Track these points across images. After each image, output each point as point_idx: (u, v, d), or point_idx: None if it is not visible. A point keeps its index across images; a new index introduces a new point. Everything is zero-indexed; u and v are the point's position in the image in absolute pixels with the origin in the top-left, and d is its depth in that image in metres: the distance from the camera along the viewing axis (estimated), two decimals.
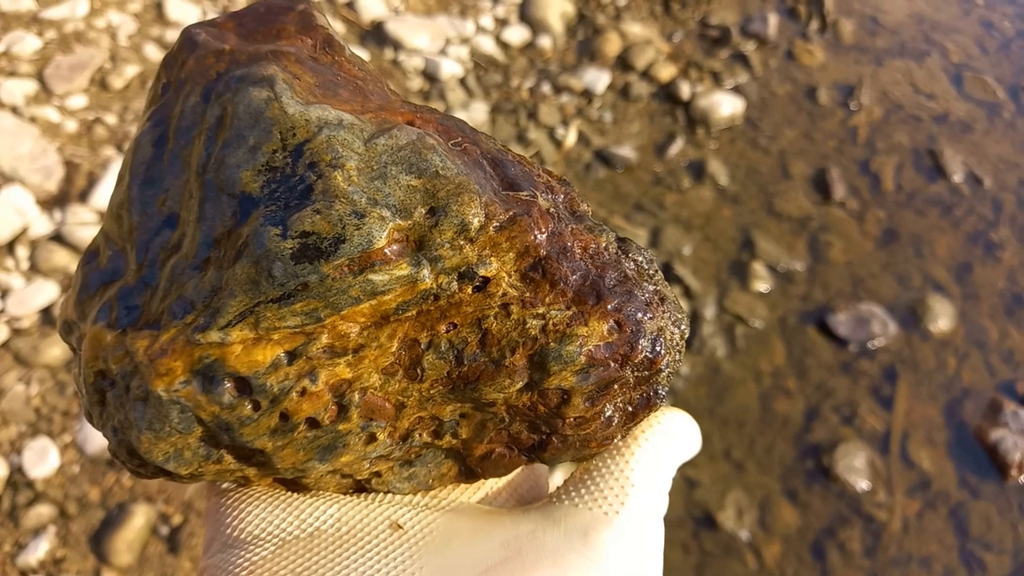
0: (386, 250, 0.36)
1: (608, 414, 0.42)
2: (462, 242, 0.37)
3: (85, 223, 2.03)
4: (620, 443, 0.44)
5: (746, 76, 3.05)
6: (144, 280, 0.40)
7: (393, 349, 0.39)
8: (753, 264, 2.43)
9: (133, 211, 0.41)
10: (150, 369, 0.36)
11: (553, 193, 0.41)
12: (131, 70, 2.43)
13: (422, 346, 0.39)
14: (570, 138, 2.69)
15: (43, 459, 1.74)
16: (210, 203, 0.38)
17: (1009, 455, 2.04)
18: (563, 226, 0.40)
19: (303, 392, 0.38)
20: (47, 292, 1.94)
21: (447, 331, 0.39)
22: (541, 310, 0.39)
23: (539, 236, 0.39)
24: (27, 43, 2.37)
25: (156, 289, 0.39)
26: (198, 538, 1.71)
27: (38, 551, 1.63)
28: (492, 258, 0.38)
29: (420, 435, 0.42)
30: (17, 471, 1.73)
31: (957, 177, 2.73)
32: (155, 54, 2.50)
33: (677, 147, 2.76)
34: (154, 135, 0.43)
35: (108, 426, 0.40)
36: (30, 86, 2.28)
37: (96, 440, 1.76)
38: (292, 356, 0.37)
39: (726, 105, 2.86)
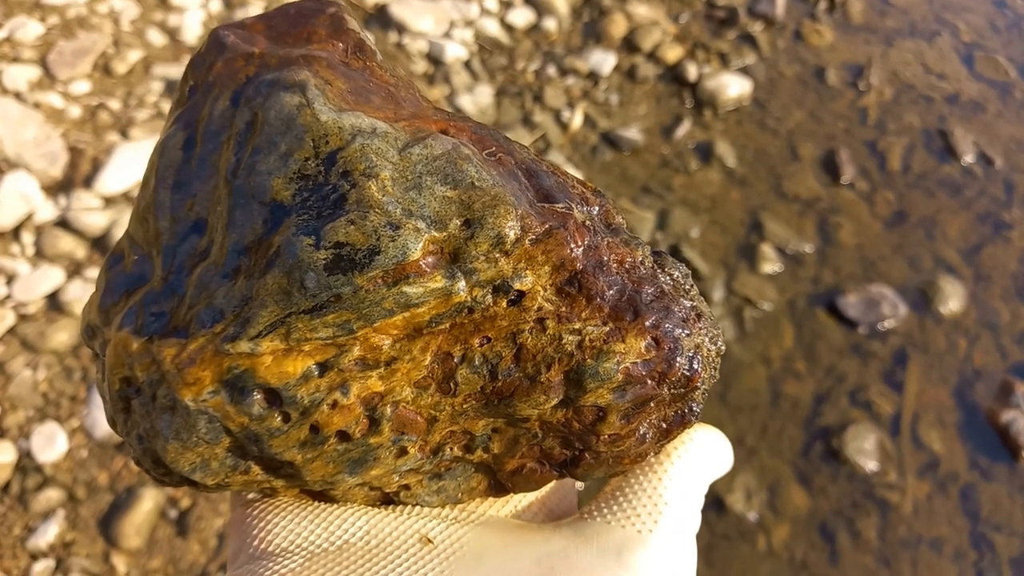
0: (421, 262, 0.35)
1: (642, 431, 0.41)
2: (497, 255, 0.37)
3: (90, 209, 2.03)
4: (653, 459, 0.44)
5: (754, 57, 3.02)
6: (171, 286, 0.39)
7: (426, 362, 0.38)
8: (762, 246, 2.41)
9: (159, 215, 0.41)
10: (178, 378, 0.36)
11: (588, 205, 0.40)
12: (134, 55, 2.42)
13: (455, 360, 0.38)
14: (576, 121, 2.67)
15: (51, 444, 1.74)
16: (240, 210, 0.38)
17: (1020, 437, 2.02)
18: (599, 239, 0.39)
19: (334, 405, 0.37)
20: (53, 278, 1.94)
21: (481, 345, 0.38)
22: (577, 325, 0.38)
23: (575, 250, 0.38)
24: (29, 29, 2.35)
25: (183, 296, 0.38)
26: (207, 521, 1.71)
27: (47, 534, 1.64)
28: (527, 271, 0.37)
29: (451, 449, 0.42)
30: (26, 456, 1.74)
31: (968, 158, 2.70)
32: (158, 39, 2.49)
33: (684, 129, 2.73)
34: (181, 138, 0.42)
35: (133, 434, 0.39)
36: (33, 72, 2.27)
37: (104, 425, 1.76)
38: (323, 368, 0.37)
39: (734, 86, 2.83)
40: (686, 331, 0.40)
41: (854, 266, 2.41)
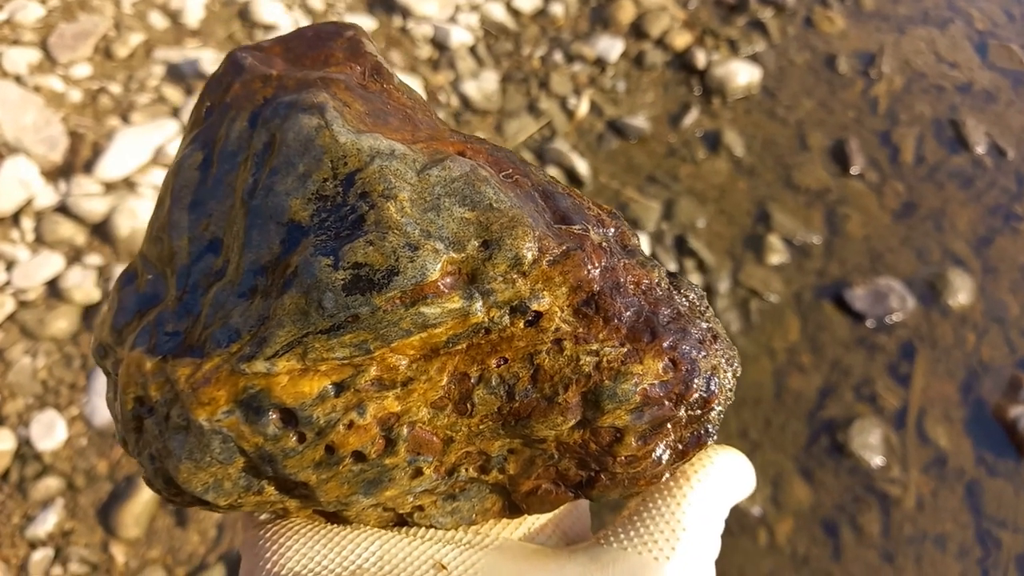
0: (439, 283, 0.36)
1: (659, 453, 0.41)
2: (515, 276, 0.37)
3: (90, 195, 2.01)
4: (671, 483, 0.43)
5: (763, 44, 2.97)
6: (185, 306, 0.39)
7: (443, 383, 0.38)
8: (769, 237, 2.38)
9: (174, 235, 0.41)
10: (192, 398, 0.36)
11: (604, 227, 0.41)
12: (135, 38, 2.39)
13: (472, 380, 0.39)
14: (582, 108, 2.63)
15: (51, 432, 1.73)
16: (257, 230, 0.38)
17: None
18: (616, 260, 0.40)
19: (350, 425, 0.38)
20: (53, 264, 1.92)
21: (498, 366, 0.39)
22: (595, 346, 0.38)
23: (592, 271, 0.38)
24: (30, 11, 2.33)
25: (198, 316, 0.38)
26: (206, 512, 1.70)
27: (47, 523, 1.63)
28: (545, 292, 0.38)
29: (466, 470, 0.42)
30: (25, 444, 1.73)
31: (980, 148, 2.66)
32: (160, 22, 2.46)
33: (692, 117, 2.70)
34: (197, 159, 0.42)
35: (145, 454, 0.39)
36: (34, 55, 2.24)
37: (103, 413, 1.76)
38: (340, 388, 0.37)
39: (743, 74, 2.79)
40: (703, 352, 0.40)
41: (862, 258, 2.38)
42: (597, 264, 0.38)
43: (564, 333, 0.38)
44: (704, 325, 0.41)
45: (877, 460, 1.97)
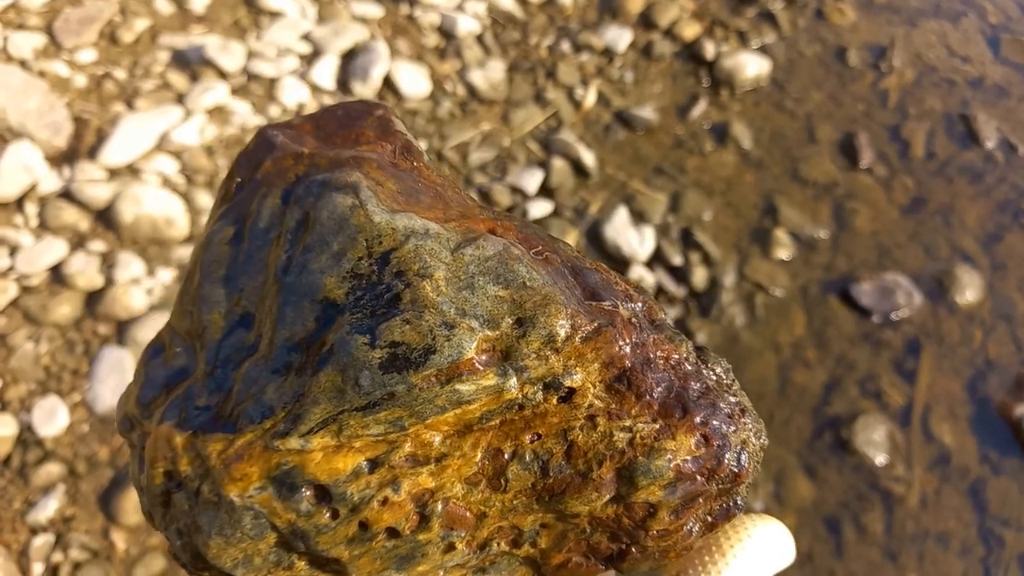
0: (474, 361, 0.36)
1: (689, 526, 0.42)
2: (548, 352, 0.38)
3: (94, 180, 2.01)
4: (707, 558, 0.43)
5: (773, 35, 2.94)
6: (216, 380, 0.39)
7: (476, 458, 0.39)
8: (775, 231, 2.36)
9: (204, 309, 0.41)
10: (224, 474, 0.36)
11: (632, 301, 0.42)
12: (141, 24, 2.38)
13: (506, 456, 0.39)
14: (589, 98, 2.61)
15: (52, 418, 1.73)
16: (291, 307, 0.38)
17: None
18: (645, 336, 0.40)
19: (384, 501, 0.38)
20: (56, 250, 1.92)
21: (532, 441, 0.39)
22: (628, 422, 0.39)
23: (624, 347, 0.39)
24: None
25: (230, 391, 0.39)
26: None
27: (47, 509, 1.64)
28: (578, 368, 0.38)
29: (498, 544, 0.42)
30: (27, 429, 1.73)
31: (990, 143, 2.63)
32: (165, 7, 2.44)
33: (700, 109, 2.68)
34: (228, 234, 0.43)
35: (172, 528, 0.39)
36: (39, 39, 2.23)
37: (105, 400, 1.76)
38: (374, 464, 0.37)
39: (752, 66, 2.76)
40: (733, 427, 0.41)
41: (869, 253, 2.36)
42: (628, 340, 0.39)
43: (597, 409, 0.39)
44: (732, 399, 0.42)
45: (881, 457, 1.96)
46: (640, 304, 0.42)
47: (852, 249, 2.37)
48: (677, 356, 0.41)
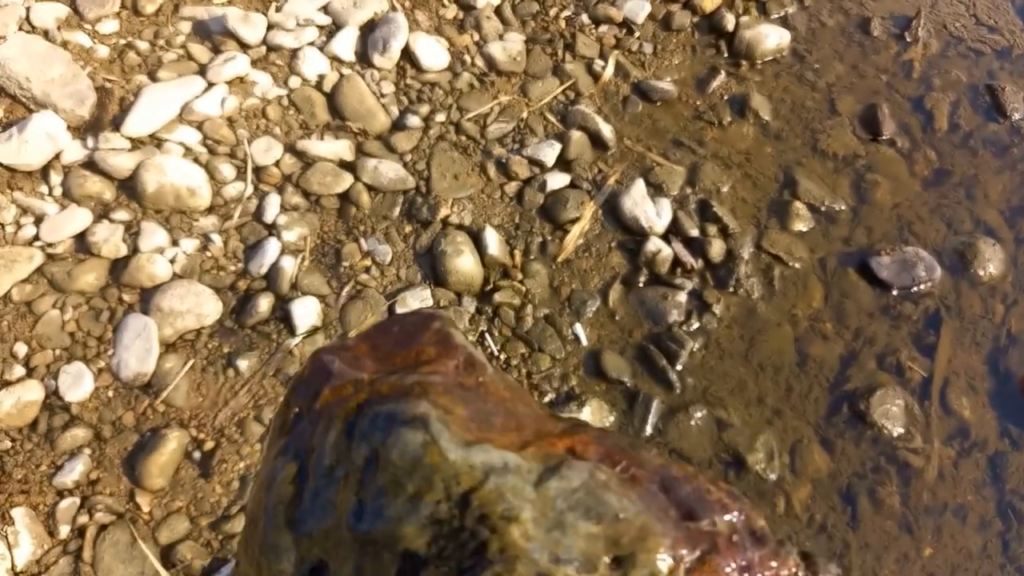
0: None
1: None
2: None
3: (117, 150, 2.02)
4: None
5: (794, 6, 2.90)
6: None
7: None
8: (794, 203, 2.35)
9: (272, 558, 0.39)
10: None
11: (728, 511, 0.39)
12: None
13: None
14: (608, 71, 2.60)
15: (78, 383, 1.76)
16: (369, 559, 0.36)
17: None
18: (751, 555, 0.38)
19: None
20: (81, 219, 1.95)
21: None
22: None
23: (731, 574, 0.37)
24: None
25: None
26: (229, 464, 1.74)
27: (73, 472, 1.67)
28: None
29: None
30: (53, 394, 1.76)
31: (1017, 115, 2.59)
32: None
33: (719, 81, 2.65)
34: (290, 472, 0.41)
35: None
36: (62, 9, 2.25)
37: (130, 366, 1.79)
38: None
39: (772, 37, 2.73)
40: None
41: (890, 226, 2.34)
42: (734, 564, 0.37)
43: None
44: None
45: (899, 430, 1.95)
46: (737, 514, 0.40)
47: (872, 222, 2.35)
48: (786, 572, 0.39)
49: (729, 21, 2.77)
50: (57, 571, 1.57)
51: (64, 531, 1.62)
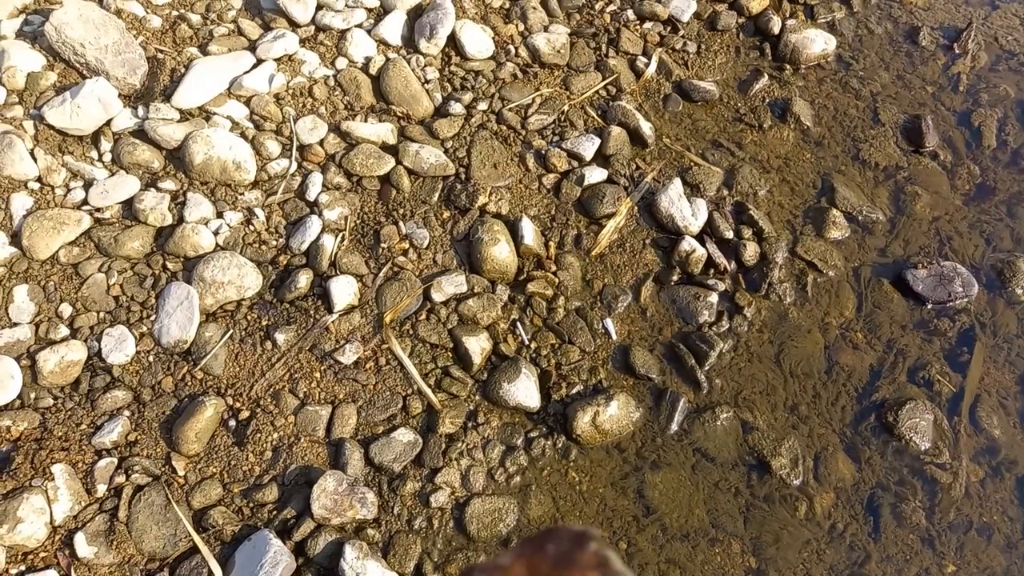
0: None
1: None
2: None
3: (167, 120, 2.05)
4: None
5: (843, 11, 2.88)
6: None
7: None
8: (831, 211, 2.34)
9: None
10: None
11: None
12: None
13: None
14: (651, 68, 2.59)
15: (121, 346, 1.80)
16: None
17: None
18: None
19: None
20: (129, 186, 1.98)
21: None
22: None
23: None
24: None
25: None
26: (263, 434, 1.77)
27: (112, 433, 1.71)
28: None
29: None
30: (96, 356, 1.80)
31: None
32: None
33: (761, 83, 2.64)
34: None
35: None
36: None
37: (171, 332, 1.82)
38: None
39: (818, 42, 2.71)
40: None
41: (927, 239, 2.33)
42: None
43: None
44: None
45: (926, 444, 1.95)
46: None
47: (910, 234, 2.34)
48: None
49: (775, 24, 2.76)
50: (93, 528, 1.61)
51: (101, 489, 1.66)
